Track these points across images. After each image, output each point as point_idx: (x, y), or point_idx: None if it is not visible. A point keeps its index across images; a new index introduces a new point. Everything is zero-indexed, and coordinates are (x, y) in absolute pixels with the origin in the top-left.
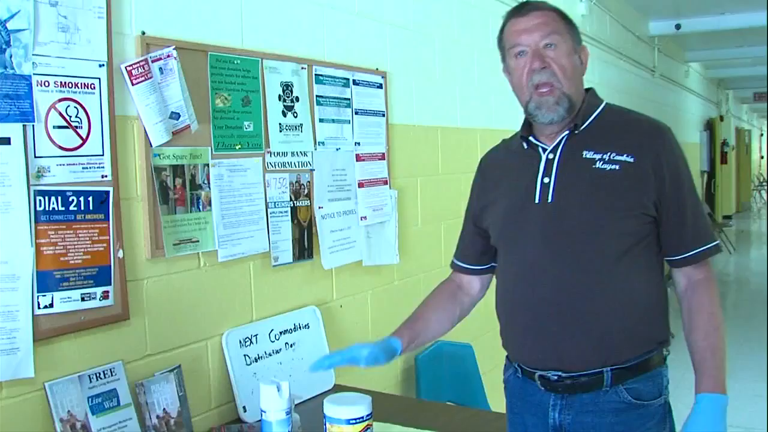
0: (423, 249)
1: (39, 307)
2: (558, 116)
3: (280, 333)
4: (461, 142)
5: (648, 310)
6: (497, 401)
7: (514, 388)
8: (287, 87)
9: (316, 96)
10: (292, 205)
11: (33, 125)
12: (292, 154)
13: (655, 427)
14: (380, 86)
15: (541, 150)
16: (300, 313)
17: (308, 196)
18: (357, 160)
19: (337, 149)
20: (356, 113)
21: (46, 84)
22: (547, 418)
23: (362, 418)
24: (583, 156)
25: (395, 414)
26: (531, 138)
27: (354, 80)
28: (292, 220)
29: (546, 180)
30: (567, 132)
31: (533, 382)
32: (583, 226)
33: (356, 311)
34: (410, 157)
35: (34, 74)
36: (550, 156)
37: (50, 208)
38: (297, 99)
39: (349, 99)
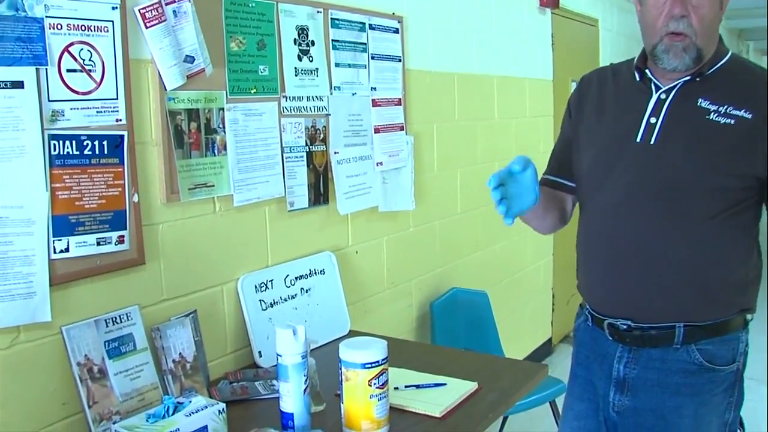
0: (439, 196)
1: (55, 252)
2: (683, 65)
3: (296, 278)
4: (477, 89)
5: (734, 274)
6: (512, 349)
7: (583, 337)
8: (303, 31)
9: (332, 40)
10: (307, 150)
11: (46, 69)
12: (308, 98)
13: (722, 395)
14: (396, 31)
15: (653, 87)
16: (315, 259)
17: (324, 141)
18: (373, 106)
19: (353, 94)
20: (372, 58)
21: (59, 27)
22: (611, 370)
23: (378, 362)
24: (698, 104)
25: (410, 359)
26: (647, 71)
27: (370, 24)
28: (308, 165)
29: (653, 120)
30: (687, 77)
31: (602, 330)
32: (682, 176)
33: (372, 257)
34: (426, 103)
35: (46, 17)
36: (663, 96)
37: (65, 152)
38: (312, 43)
39: (365, 44)
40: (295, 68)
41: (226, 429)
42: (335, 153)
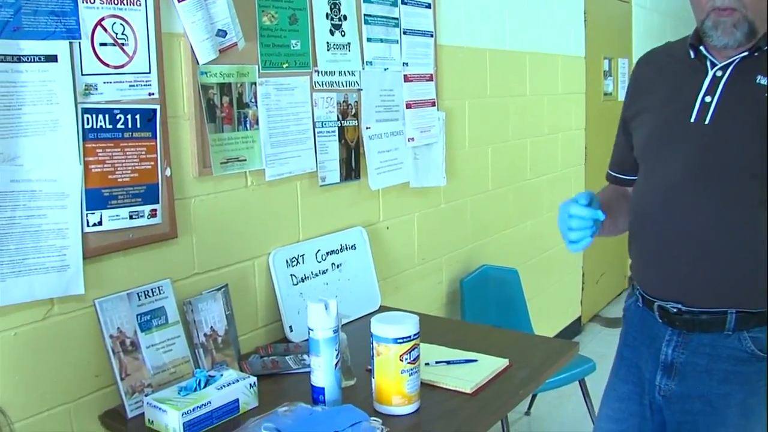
0: (470, 172)
1: (88, 225)
2: (734, 41)
3: (327, 253)
4: (509, 65)
5: None
6: (541, 327)
7: (632, 318)
8: (335, 5)
9: (364, 15)
10: (339, 125)
11: (79, 42)
12: (340, 73)
13: None
14: (429, 6)
15: (709, 64)
16: (347, 234)
17: (356, 116)
18: (405, 81)
19: (384, 69)
20: (404, 33)
21: (92, 1)
22: (658, 354)
23: (409, 337)
24: (757, 81)
25: (441, 335)
26: (701, 48)
27: None
28: (340, 140)
29: (708, 99)
30: (744, 53)
31: (652, 312)
32: (738, 157)
33: (403, 233)
34: (458, 79)
35: None
36: (718, 74)
37: (98, 126)
38: (345, 18)
39: (397, 18)
40: (327, 43)
41: (257, 402)
42: (367, 128)
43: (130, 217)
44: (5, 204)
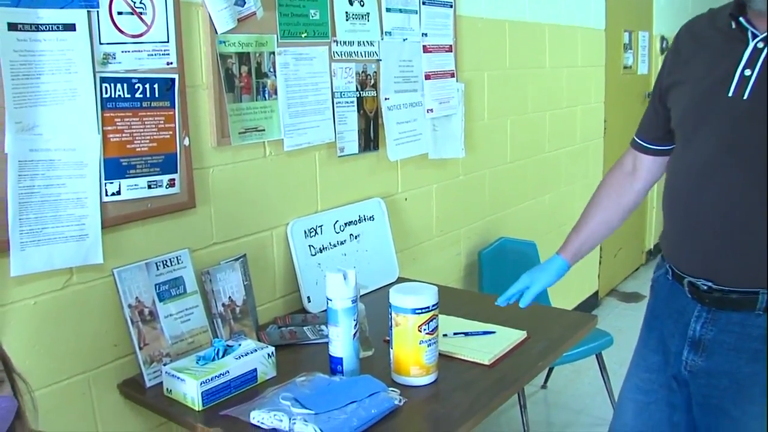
0: (489, 144)
1: (106, 195)
2: None
3: (345, 224)
4: (529, 36)
5: None
6: (558, 301)
7: (661, 290)
8: None
9: None
10: (358, 95)
11: (97, 11)
12: (359, 43)
13: None
14: None
15: (750, 35)
16: (365, 205)
17: (374, 86)
18: (424, 52)
19: (404, 40)
20: (423, 3)
21: None
22: (686, 329)
23: (428, 308)
24: None
25: (459, 307)
26: (741, 19)
27: None
28: (358, 111)
29: (747, 72)
30: None
31: (682, 287)
32: None
33: (421, 205)
34: (477, 50)
35: None
36: (760, 45)
37: (116, 96)
38: None
39: None
40: (346, 12)
41: (275, 372)
42: (386, 99)
43: (149, 187)
44: (24, 173)
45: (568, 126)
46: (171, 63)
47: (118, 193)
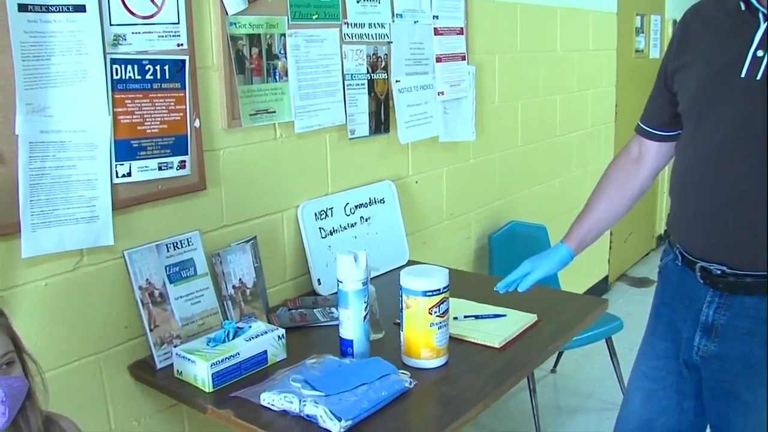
0: (500, 127)
1: (117, 176)
2: None
3: (355, 207)
4: (540, 19)
5: None
6: (568, 285)
7: (671, 276)
8: None
9: None
10: (369, 77)
11: None
12: (370, 25)
13: None
14: None
15: (761, 16)
16: (375, 188)
17: (385, 69)
18: (435, 34)
19: (414, 22)
20: None
21: None
22: (699, 314)
23: (439, 290)
24: None
25: (469, 290)
26: (752, 0)
27: None
28: (369, 93)
29: (760, 53)
30: None
31: (693, 272)
32: None
33: (431, 188)
34: (488, 33)
35: None
36: None
37: (126, 77)
38: None
39: None
40: None
41: (286, 354)
42: (396, 81)
43: (159, 169)
44: (35, 154)
45: (579, 110)
46: (181, 44)
47: (129, 174)
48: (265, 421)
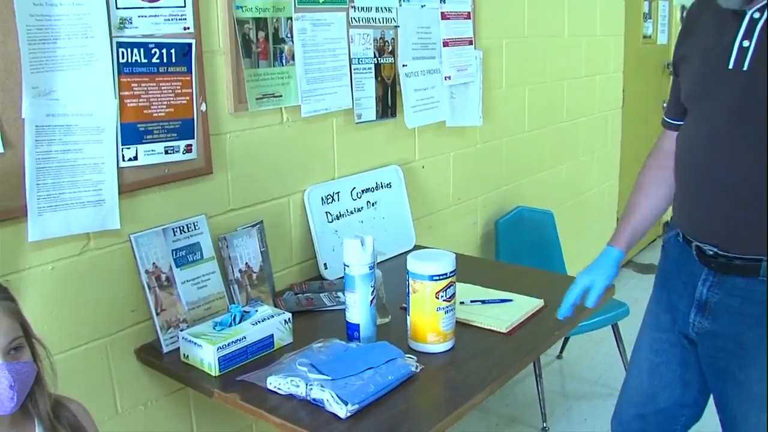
0: (507, 112)
1: (123, 160)
2: None
3: (362, 191)
4: (548, 4)
5: None
6: (575, 270)
7: (672, 251)
8: None
9: None
10: (375, 62)
11: None
12: (377, 9)
13: None
14: None
15: (747, 7)
16: (382, 172)
17: (392, 53)
18: (442, 19)
19: (422, 6)
20: None
21: None
22: (694, 291)
23: (445, 274)
24: None
25: (476, 275)
26: None
27: None
28: (376, 78)
29: (745, 43)
30: None
31: (690, 250)
32: None
33: (438, 172)
34: (496, 17)
35: None
36: (756, 15)
37: (133, 60)
38: None
39: None
40: None
41: (292, 339)
42: (403, 66)
43: (166, 152)
44: (41, 138)
45: (587, 95)
46: (188, 28)
47: (135, 158)
48: (272, 404)
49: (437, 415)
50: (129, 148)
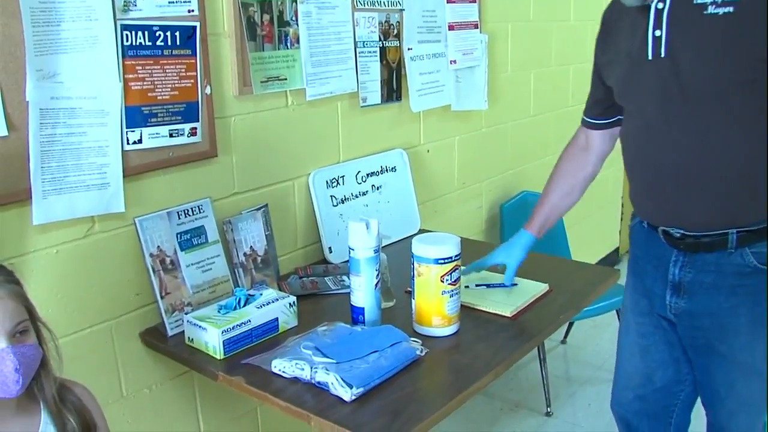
0: (512, 97)
1: (128, 143)
2: None
3: (367, 175)
4: None
5: None
6: (579, 256)
7: (639, 237)
8: None
9: None
10: (381, 45)
11: None
12: None
13: None
14: None
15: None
16: (387, 156)
17: (397, 36)
18: (447, 2)
19: None
20: None
21: None
22: (666, 273)
23: (451, 258)
24: (694, 2)
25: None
26: None
27: None
28: (381, 61)
29: (657, 33)
30: None
31: (657, 234)
32: (700, 81)
33: (443, 156)
34: (501, 1)
35: None
36: (660, 5)
37: (137, 43)
38: None
39: None
40: None
41: (297, 322)
42: (409, 49)
43: (170, 135)
44: (46, 121)
45: None
46: (192, 11)
47: (140, 141)
48: (276, 388)
49: (442, 398)
50: (133, 131)
